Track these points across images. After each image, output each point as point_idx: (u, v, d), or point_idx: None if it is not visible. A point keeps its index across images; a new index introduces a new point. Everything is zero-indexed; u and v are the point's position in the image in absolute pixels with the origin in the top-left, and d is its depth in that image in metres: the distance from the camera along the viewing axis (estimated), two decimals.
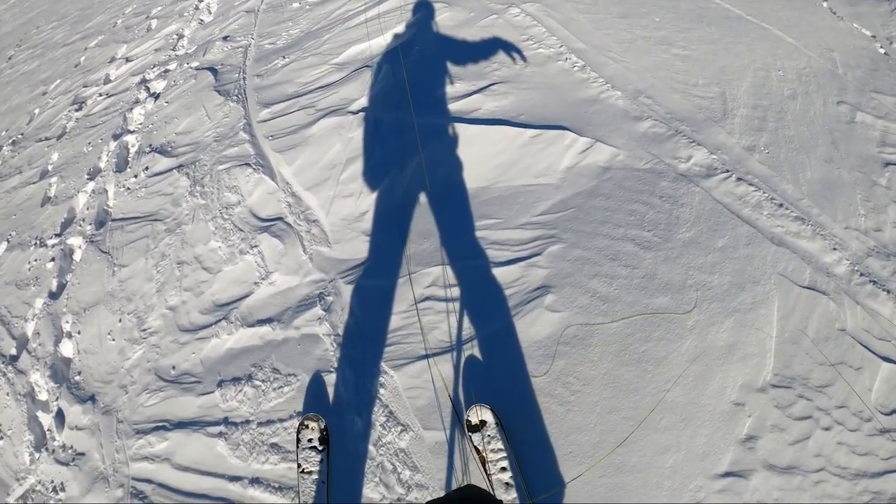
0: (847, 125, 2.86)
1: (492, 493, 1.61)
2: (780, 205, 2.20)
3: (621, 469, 1.71)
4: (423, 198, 2.72)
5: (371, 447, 2.04)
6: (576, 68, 3.22)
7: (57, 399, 2.69)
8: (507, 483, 1.77)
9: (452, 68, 3.40)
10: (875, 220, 2.29)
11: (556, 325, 2.04)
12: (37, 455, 2.53)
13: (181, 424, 2.33)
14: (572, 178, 2.53)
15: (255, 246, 2.85)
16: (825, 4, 4.09)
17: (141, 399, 2.47)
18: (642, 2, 3.97)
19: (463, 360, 2.11)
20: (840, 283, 1.99)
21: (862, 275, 2.05)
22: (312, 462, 2.05)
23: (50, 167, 4.37)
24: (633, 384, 1.84)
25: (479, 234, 2.48)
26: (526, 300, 2.14)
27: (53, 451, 2.53)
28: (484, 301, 2.22)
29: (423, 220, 2.61)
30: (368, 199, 2.81)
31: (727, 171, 2.17)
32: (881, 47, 3.56)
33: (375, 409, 2.11)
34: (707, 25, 3.64)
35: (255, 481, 2.09)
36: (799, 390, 1.66)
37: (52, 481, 2.47)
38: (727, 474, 1.60)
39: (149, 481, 2.29)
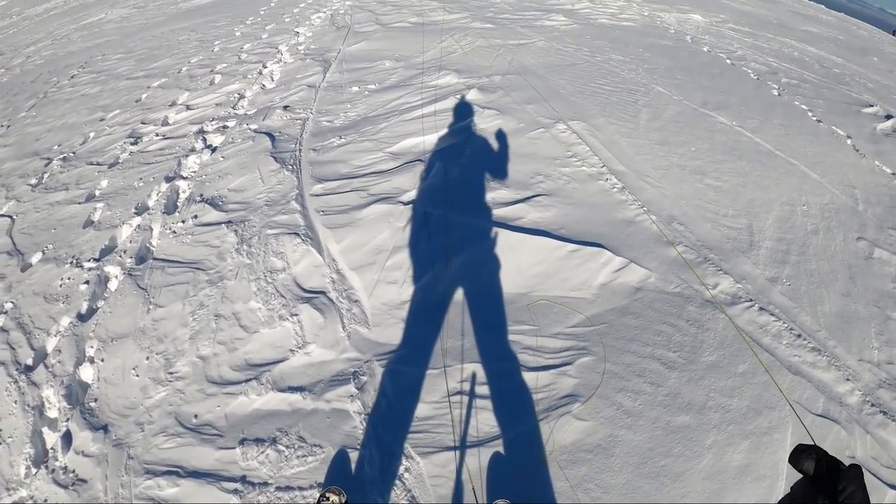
0: (865, 261, 3.10)
1: None
2: (799, 335, 2.35)
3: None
4: (462, 296, 2.88)
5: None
6: (615, 189, 3.53)
7: (67, 420, 2.63)
8: None
9: (500, 174, 3.71)
10: (888, 354, 2.45)
11: (581, 432, 2.12)
12: (34, 470, 2.44)
13: (196, 474, 2.28)
14: (606, 295, 2.72)
15: (296, 314, 2.95)
16: (849, 142, 4.51)
17: (157, 440, 2.42)
18: (680, 130, 4.39)
19: (488, 456, 2.17)
20: (852, 412, 2.11)
21: (873, 405, 2.17)
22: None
23: (98, 192, 4.52)
24: (650, 496, 1.90)
25: (512, 337, 2.63)
26: (554, 406, 2.24)
27: (53, 470, 2.46)
28: (513, 402, 2.30)
29: (462, 317, 2.76)
30: (410, 289, 2.97)
31: (751, 300, 2.33)
32: None
33: (398, 491, 2.11)
34: (739, 158, 4.01)
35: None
36: None
37: (46, 500, 2.37)
38: None
39: None
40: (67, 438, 2.58)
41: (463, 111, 4.62)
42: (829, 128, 4.96)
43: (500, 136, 4.19)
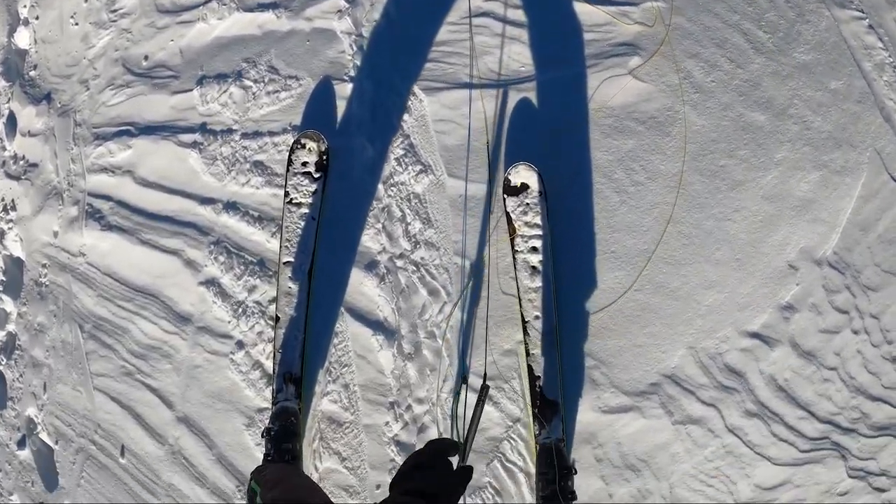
0: None
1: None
2: None
3: (659, 289, 1.49)
4: None
5: (380, 185, 1.70)
6: None
7: (9, 101, 2.32)
8: (533, 267, 1.55)
9: None
10: None
11: (636, 96, 1.57)
12: None
13: (149, 129, 1.96)
14: None
15: None
16: None
17: (104, 97, 2.07)
18: None
19: (513, 104, 1.64)
20: None
21: None
22: (304, 192, 1.69)
23: None
24: (700, 198, 1.51)
25: None
26: (607, 53, 1.60)
27: (4, 163, 2.29)
28: (555, 38, 1.64)
29: None
30: None
31: (862, 12, 1.52)
32: None
33: (394, 137, 1.71)
34: None
35: (231, 206, 1.81)
36: (848, 280, 1.45)
37: (3, 199, 2.24)
38: (756, 335, 1.43)
39: (107, 198, 1.98)
40: (12, 122, 2.31)
41: None
42: None
43: None
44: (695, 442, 1.46)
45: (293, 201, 1.68)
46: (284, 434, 1.47)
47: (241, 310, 1.75)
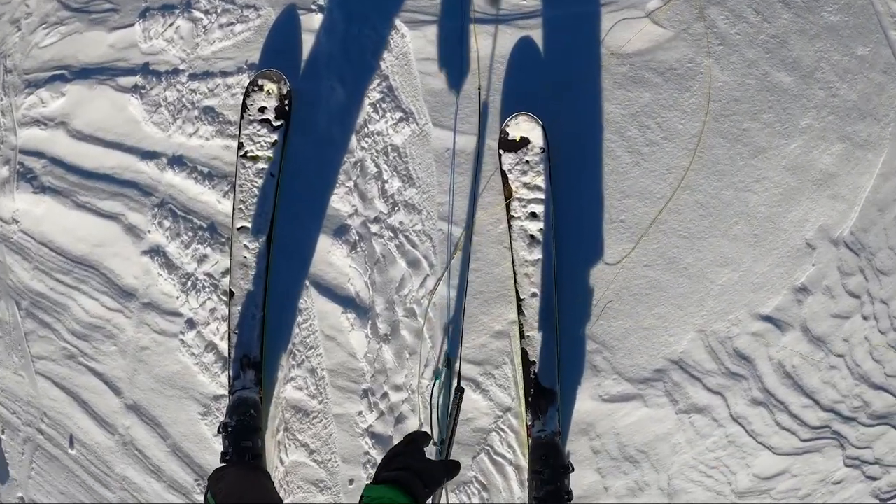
0: None
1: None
2: None
3: (672, 265, 1.35)
4: None
5: (352, 136, 1.51)
6: None
7: None
8: (532, 236, 1.35)
9: None
10: None
11: (654, 43, 1.40)
12: None
13: (85, 72, 1.74)
14: None
15: None
16: None
17: (36, 37, 1.83)
18: None
19: (512, 41, 1.45)
20: None
21: None
22: (261, 143, 1.46)
23: None
24: (720, 164, 1.37)
25: None
26: None
27: None
28: None
29: None
30: None
31: None
32: None
33: (370, 79, 1.50)
34: None
35: (177, 161, 1.62)
36: (863, 262, 1.38)
37: None
38: (768, 319, 1.34)
39: (40, 155, 1.78)
40: None
41: None
42: None
43: None
44: (697, 432, 1.37)
45: (248, 154, 1.45)
46: (243, 430, 1.31)
47: (190, 283, 1.57)
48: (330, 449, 1.45)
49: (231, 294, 1.43)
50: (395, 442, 1.13)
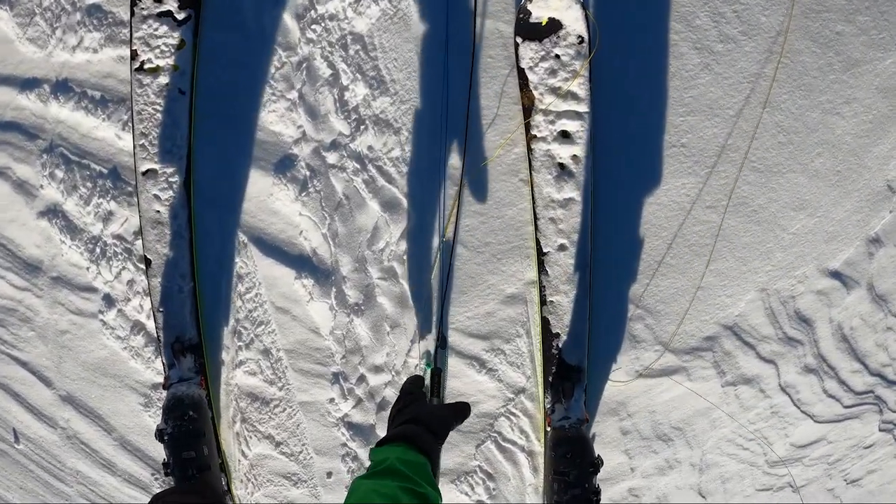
0: None
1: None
2: None
3: (740, 208, 1.07)
4: None
5: (292, 24, 1.09)
6: None
7: None
8: (561, 165, 0.98)
9: None
10: None
11: None
12: None
13: None
14: None
15: None
16: None
17: None
18: None
19: None
20: None
21: None
22: (161, 48, 1.09)
23: None
24: (808, 75, 1.05)
25: None
26: None
27: None
28: None
29: None
30: None
31: None
32: None
33: None
34: None
35: (62, 87, 1.27)
36: None
37: None
38: (836, 275, 1.12)
39: None
40: None
41: None
42: None
43: None
44: (742, 404, 1.20)
45: (146, 66, 1.06)
46: (182, 437, 1.09)
47: (98, 250, 1.29)
48: (300, 440, 1.25)
49: (148, 262, 1.11)
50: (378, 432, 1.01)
